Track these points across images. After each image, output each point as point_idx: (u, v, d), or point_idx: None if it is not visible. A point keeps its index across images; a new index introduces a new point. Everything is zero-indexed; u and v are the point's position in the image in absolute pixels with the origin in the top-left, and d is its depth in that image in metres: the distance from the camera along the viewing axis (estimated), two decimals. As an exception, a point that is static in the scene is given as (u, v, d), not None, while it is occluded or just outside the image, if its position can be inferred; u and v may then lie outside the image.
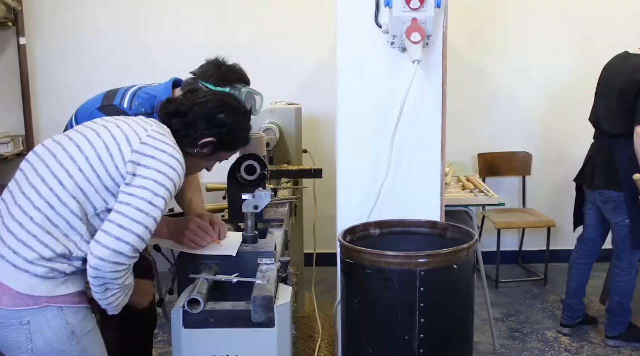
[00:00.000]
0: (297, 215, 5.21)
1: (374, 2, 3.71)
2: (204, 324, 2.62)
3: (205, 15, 6.55)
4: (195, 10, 6.62)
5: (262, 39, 6.56)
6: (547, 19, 6.98)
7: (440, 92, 3.82)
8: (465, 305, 3.34)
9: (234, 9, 6.57)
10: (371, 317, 3.22)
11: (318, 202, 5.41)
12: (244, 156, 3.52)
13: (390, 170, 3.77)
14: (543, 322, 5.79)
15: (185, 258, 2.98)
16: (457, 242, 3.41)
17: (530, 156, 7.17)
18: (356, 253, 3.21)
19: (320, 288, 6.09)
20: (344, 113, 3.87)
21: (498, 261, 6.69)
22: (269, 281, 2.72)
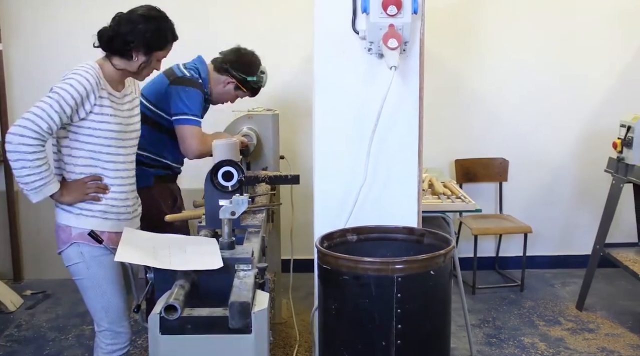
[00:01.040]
0: (274, 221, 5.21)
1: (351, 8, 3.71)
2: (180, 330, 2.60)
3: (186, 21, 6.51)
4: (176, 16, 6.58)
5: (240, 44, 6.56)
6: (524, 25, 7.01)
7: (417, 98, 3.82)
8: (442, 311, 3.34)
9: (214, 15, 6.57)
10: (348, 323, 3.22)
11: (295, 208, 5.41)
12: (221, 162, 3.51)
13: (368, 176, 3.77)
14: (520, 328, 5.81)
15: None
16: (434, 247, 3.42)
17: (507, 162, 7.20)
18: (333, 259, 3.20)
19: (298, 294, 6.09)
20: (321, 119, 3.87)
21: (475, 267, 6.71)
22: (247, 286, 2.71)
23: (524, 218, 6.99)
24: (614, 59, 5.83)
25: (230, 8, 5.70)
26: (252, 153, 5.10)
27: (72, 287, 3.92)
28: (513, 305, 6.36)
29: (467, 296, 6.14)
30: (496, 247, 7.39)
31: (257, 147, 5.11)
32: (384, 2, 3.46)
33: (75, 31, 6.75)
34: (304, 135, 6.68)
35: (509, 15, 7.01)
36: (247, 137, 5.02)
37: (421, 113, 3.85)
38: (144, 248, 3.09)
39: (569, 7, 6.97)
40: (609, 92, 6.42)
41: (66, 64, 6.67)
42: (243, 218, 3.73)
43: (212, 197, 3.48)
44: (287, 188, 5.40)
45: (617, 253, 5.97)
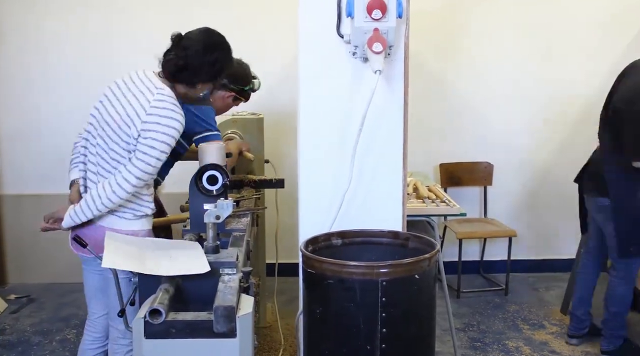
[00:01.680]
0: (259, 225, 5.20)
1: (336, 12, 3.71)
2: (165, 334, 2.60)
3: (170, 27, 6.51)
4: (159, 21, 6.60)
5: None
6: (509, 30, 7.03)
7: (402, 102, 3.82)
8: (426, 315, 3.34)
9: (198, 19, 6.55)
10: (333, 327, 3.21)
11: (280, 212, 5.41)
12: (206, 166, 3.51)
13: (352, 180, 3.77)
14: (504, 332, 5.81)
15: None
16: (419, 251, 3.42)
17: (492, 166, 7.21)
18: (318, 263, 3.20)
19: (282, 298, 6.08)
20: (305, 123, 3.87)
21: (459, 271, 6.71)
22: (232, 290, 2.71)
23: (509, 222, 7.01)
24: (597, 65, 5.85)
25: (214, 11, 5.71)
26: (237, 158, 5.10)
27: (56, 291, 3.94)
28: (497, 309, 6.37)
29: (452, 300, 6.14)
30: (481, 250, 7.40)
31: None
32: (369, 6, 3.46)
33: (61, 35, 6.75)
34: (288, 139, 6.67)
35: (494, 20, 7.02)
36: (231, 141, 5.02)
37: (406, 117, 3.85)
38: (129, 253, 3.08)
39: (554, 13, 6.99)
40: (592, 97, 6.43)
41: (51, 68, 6.73)
42: (228, 222, 3.73)
43: (197, 201, 3.47)
44: (272, 192, 5.39)
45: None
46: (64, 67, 6.81)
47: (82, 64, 6.78)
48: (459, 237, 6.59)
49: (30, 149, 6.98)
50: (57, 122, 6.85)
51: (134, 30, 6.71)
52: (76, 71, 6.77)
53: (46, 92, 6.84)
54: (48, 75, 6.84)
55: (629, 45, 7.03)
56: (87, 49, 6.76)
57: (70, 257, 6.11)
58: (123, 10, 6.70)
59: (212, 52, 3.70)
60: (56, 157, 6.87)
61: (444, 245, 7.05)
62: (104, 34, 6.74)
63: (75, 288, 6.66)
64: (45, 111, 6.85)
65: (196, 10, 5.25)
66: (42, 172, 6.93)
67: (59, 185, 6.91)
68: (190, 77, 3.68)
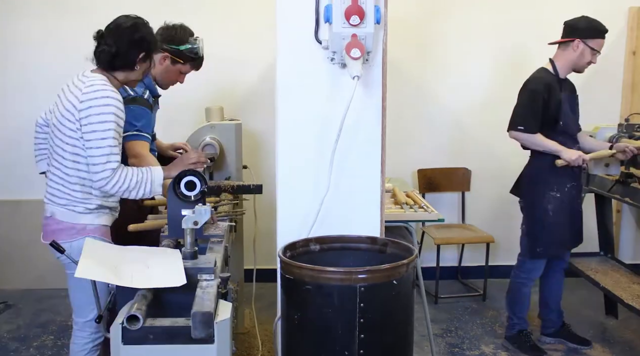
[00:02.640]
0: (237, 230, 5.20)
1: (314, 18, 3.71)
2: (143, 340, 2.59)
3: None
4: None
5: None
6: (486, 36, 7.06)
7: (380, 107, 3.83)
8: (404, 321, 3.34)
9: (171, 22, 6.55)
10: (311, 333, 3.21)
11: (258, 217, 5.40)
12: (184, 172, 3.50)
13: (331, 185, 3.76)
14: (482, 337, 5.83)
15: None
16: (397, 257, 3.42)
17: (470, 172, 7.23)
18: (296, 268, 3.20)
19: (260, 304, 6.07)
20: (283, 129, 3.86)
21: (437, 276, 6.73)
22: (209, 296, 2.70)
23: (486, 228, 7.03)
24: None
25: (192, 17, 5.67)
26: (215, 163, 5.09)
27: (34, 297, 3.94)
28: (475, 315, 6.39)
29: (430, 305, 6.16)
30: (458, 256, 7.42)
31: (220, 156, 5.10)
32: (347, 12, 3.46)
33: (36, 36, 6.73)
34: (266, 144, 6.67)
35: (472, 26, 7.05)
36: (209, 147, 5.01)
37: (384, 123, 3.86)
38: (105, 263, 3.06)
39: (531, 20, 7.02)
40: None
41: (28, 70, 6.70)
42: (206, 228, 3.73)
43: (175, 207, 3.47)
44: (250, 197, 5.39)
45: (579, 262, 6.02)
46: (42, 73, 6.78)
47: (61, 70, 6.74)
48: (437, 243, 6.60)
49: (7, 155, 6.95)
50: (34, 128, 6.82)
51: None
52: (55, 78, 6.73)
53: (25, 99, 6.81)
54: (26, 82, 6.81)
55: (605, 51, 7.07)
56: (66, 55, 6.74)
57: (47, 263, 6.12)
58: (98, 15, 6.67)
59: (135, 31, 3.90)
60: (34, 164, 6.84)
61: (422, 250, 7.07)
62: (78, 38, 6.71)
63: (53, 294, 6.64)
64: (23, 118, 6.81)
65: (172, 15, 5.24)
66: (19, 178, 6.89)
67: (37, 192, 6.89)
68: (126, 61, 3.89)
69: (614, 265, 6.07)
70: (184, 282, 2.84)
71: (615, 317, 6.22)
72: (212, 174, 5.11)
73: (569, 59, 5.38)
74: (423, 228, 6.94)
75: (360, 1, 3.48)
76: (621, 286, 5.58)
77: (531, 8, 7.03)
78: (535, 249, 5.41)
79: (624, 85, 7.25)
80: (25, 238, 6.73)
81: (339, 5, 3.49)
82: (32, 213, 6.82)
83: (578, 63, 5.38)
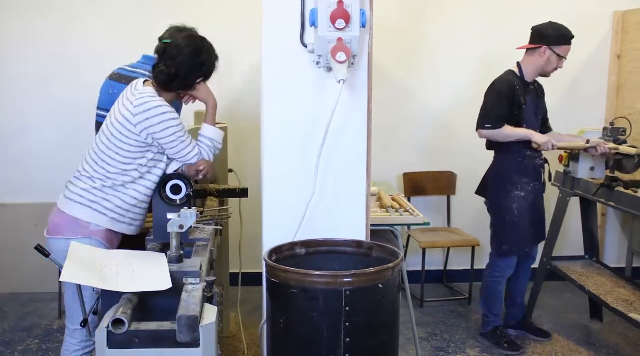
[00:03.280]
0: (222, 234, 5.19)
1: (300, 22, 3.72)
2: (128, 344, 2.59)
3: (131, 32, 6.49)
4: (122, 27, 6.58)
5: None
6: (472, 39, 7.07)
7: (366, 111, 3.83)
8: (390, 324, 3.34)
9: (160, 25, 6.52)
10: (297, 337, 3.21)
11: (244, 221, 5.39)
12: (170, 175, 3.50)
13: (316, 189, 3.76)
14: (467, 341, 5.83)
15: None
16: (383, 261, 3.42)
17: (455, 175, 7.24)
18: (282, 272, 3.20)
19: (246, 308, 6.07)
20: (269, 132, 3.86)
21: (423, 280, 6.73)
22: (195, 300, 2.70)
23: (472, 232, 7.03)
24: (560, 74, 5.88)
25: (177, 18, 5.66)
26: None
27: (19, 301, 3.91)
28: (461, 318, 6.39)
29: (416, 309, 6.16)
30: (444, 260, 7.42)
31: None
32: (333, 15, 3.47)
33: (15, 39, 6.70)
34: (252, 148, 6.65)
35: (458, 29, 7.05)
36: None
37: (370, 127, 3.86)
38: (90, 267, 3.05)
39: (516, 23, 7.02)
40: (554, 107, 6.47)
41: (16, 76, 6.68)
42: (191, 232, 3.72)
43: (161, 211, 3.46)
44: (236, 201, 5.38)
45: (564, 266, 6.02)
46: (28, 77, 6.76)
47: (46, 74, 6.73)
48: (422, 247, 6.60)
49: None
50: (20, 132, 6.80)
51: (95, 38, 6.66)
52: (40, 81, 6.73)
53: (10, 102, 6.79)
54: (11, 85, 6.78)
55: (590, 55, 7.10)
56: (51, 58, 6.72)
57: (32, 267, 6.11)
58: (82, 17, 6.67)
59: (198, 56, 3.90)
60: (20, 167, 6.83)
61: (408, 254, 7.07)
62: (64, 40, 6.70)
63: (38, 298, 6.62)
64: (9, 121, 6.79)
65: (158, 17, 5.23)
66: (5, 182, 6.87)
67: (22, 195, 6.88)
68: (183, 84, 3.90)
69: (599, 268, 6.08)
70: (169, 286, 2.84)
71: (600, 321, 6.23)
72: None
73: (536, 65, 5.50)
74: (409, 232, 6.94)
75: (346, 5, 3.48)
76: (606, 289, 5.59)
77: (516, 11, 7.05)
78: (501, 247, 5.57)
79: (609, 88, 7.26)
80: (10, 241, 6.71)
81: (324, 9, 3.49)
82: (17, 217, 6.82)
83: (545, 69, 5.50)
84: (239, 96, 6.83)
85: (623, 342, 5.83)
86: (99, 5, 6.61)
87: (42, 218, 6.60)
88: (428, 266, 6.86)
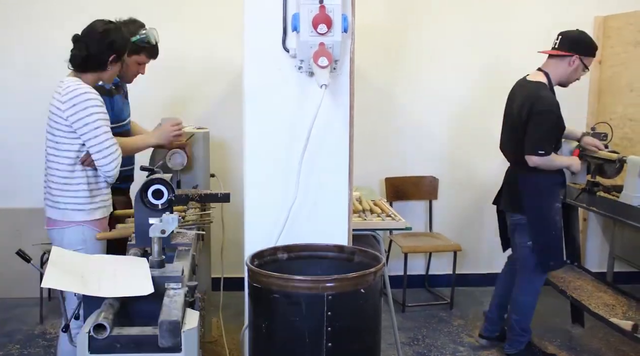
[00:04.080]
0: (204, 239, 5.18)
1: (282, 26, 3.72)
2: (110, 349, 2.57)
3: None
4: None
5: (171, 62, 6.51)
6: (453, 45, 7.07)
7: (348, 116, 3.84)
8: (372, 329, 3.35)
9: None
10: (278, 341, 3.21)
11: (226, 226, 5.39)
12: (151, 180, 3.49)
13: (298, 194, 3.77)
14: (449, 346, 5.84)
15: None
16: (364, 265, 3.43)
17: (437, 180, 7.25)
18: (264, 277, 3.20)
19: (228, 313, 6.06)
20: (251, 137, 3.86)
21: (405, 285, 6.73)
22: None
23: (454, 237, 7.05)
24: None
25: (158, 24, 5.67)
26: (183, 172, 5.08)
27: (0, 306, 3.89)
28: (442, 323, 6.40)
29: (397, 314, 6.16)
30: (426, 264, 7.43)
31: (188, 165, 5.09)
32: (315, 20, 3.47)
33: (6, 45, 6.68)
34: (234, 153, 6.66)
35: (439, 35, 7.06)
36: (177, 155, 5.00)
37: (351, 132, 3.87)
38: (72, 272, 3.04)
39: (499, 28, 7.06)
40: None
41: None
42: (173, 237, 3.71)
43: (142, 215, 3.45)
44: (218, 206, 5.37)
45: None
46: (8, 81, 6.73)
47: (27, 78, 6.71)
48: (404, 251, 6.60)
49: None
50: (0, 137, 6.78)
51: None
52: (21, 85, 6.70)
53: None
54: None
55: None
56: (32, 62, 6.70)
57: (13, 272, 6.07)
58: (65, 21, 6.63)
59: (107, 35, 4.20)
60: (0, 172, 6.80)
61: (390, 259, 7.07)
62: (47, 45, 6.67)
63: (20, 303, 6.59)
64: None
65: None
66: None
67: (3, 200, 6.84)
68: (98, 63, 4.20)
69: (580, 273, 6.11)
70: (151, 291, 2.83)
71: (582, 326, 6.25)
72: (179, 183, 5.10)
73: (562, 73, 5.29)
74: (390, 237, 6.95)
75: (328, 10, 3.49)
76: (587, 294, 5.62)
77: (499, 18, 7.07)
78: (548, 263, 5.30)
79: (590, 93, 7.29)
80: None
81: (306, 14, 3.50)
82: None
83: (569, 78, 5.34)
84: (221, 101, 6.82)
85: (604, 347, 5.85)
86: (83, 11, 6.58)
87: (24, 224, 6.57)
88: (410, 271, 6.86)
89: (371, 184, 7.02)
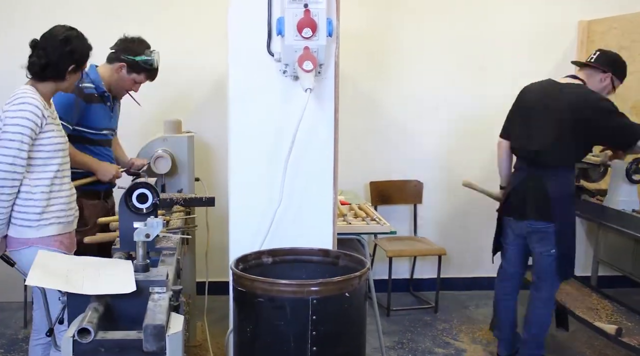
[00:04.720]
0: (189, 243, 5.17)
1: (266, 30, 3.72)
2: (94, 353, 2.57)
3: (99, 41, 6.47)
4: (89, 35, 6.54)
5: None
6: (438, 49, 7.08)
7: (333, 120, 3.84)
8: (357, 333, 3.35)
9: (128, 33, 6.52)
10: (263, 345, 3.21)
11: (210, 230, 5.38)
12: (136, 184, 3.48)
13: (283, 198, 3.77)
14: (434, 350, 5.84)
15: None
16: (349, 270, 3.43)
17: (422, 184, 7.25)
18: (248, 281, 3.19)
19: (213, 317, 6.04)
20: (236, 141, 3.86)
21: (389, 289, 6.73)
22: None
23: (438, 241, 7.06)
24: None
25: (143, 28, 5.66)
26: (167, 176, 5.08)
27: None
28: (427, 327, 6.40)
29: (382, 318, 6.16)
30: (411, 269, 7.43)
31: (172, 169, 5.08)
32: (299, 24, 3.47)
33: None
34: (219, 156, 6.65)
35: (424, 39, 7.07)
36: (161, 160, 5.00)
37: (336, 136, 3.87)
38: (56, 271, 3.04)
39: (483, 33, 7.07)
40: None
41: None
42: (158, 241, 3.70)
43: (127, 219, 3.45)
44: (203, 210, 5.36)
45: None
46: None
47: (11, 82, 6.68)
48: (389, 255, 6.60)
49: None
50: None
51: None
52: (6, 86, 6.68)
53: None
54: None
55: (556, 64, 7.13)
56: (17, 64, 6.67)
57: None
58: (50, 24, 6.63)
59: (67, 43, 4.00)
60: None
61: (374, 263, 7.07)
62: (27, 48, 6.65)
63: (4, 307, 6.57)
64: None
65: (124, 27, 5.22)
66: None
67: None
68: (56, 71, 3.98)
69: (564, 277, 6.12)
70: (133, 289, 2.83)
71: (566, 329, 6.26)
72: (164, 186, 5.09)
73: (592, 86, 5.19)
74: (375, 241, 6.95)
75: (313, 14, 3.49)
76: (572, 298, 5.63)
77: (483, 21, 7.07)
78: (567, 270, 5.22)
79: (574, 98, 7.30)
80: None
81: (291, 18, 3.50)
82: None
83: None
84: (205, 105, 6.81)
85: (588, 350, 5.86)
86: (66, 14, 6.57)
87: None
88: (394, 275, 6.86)
89: (356, 188, 7.02)
